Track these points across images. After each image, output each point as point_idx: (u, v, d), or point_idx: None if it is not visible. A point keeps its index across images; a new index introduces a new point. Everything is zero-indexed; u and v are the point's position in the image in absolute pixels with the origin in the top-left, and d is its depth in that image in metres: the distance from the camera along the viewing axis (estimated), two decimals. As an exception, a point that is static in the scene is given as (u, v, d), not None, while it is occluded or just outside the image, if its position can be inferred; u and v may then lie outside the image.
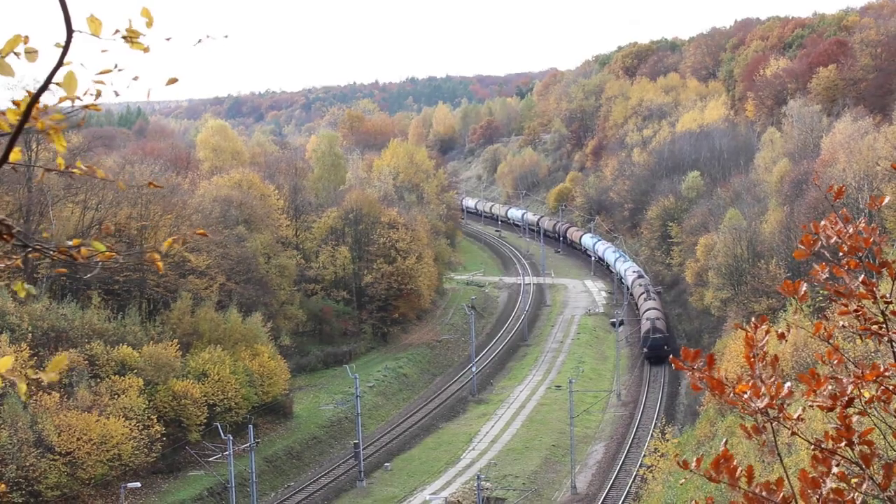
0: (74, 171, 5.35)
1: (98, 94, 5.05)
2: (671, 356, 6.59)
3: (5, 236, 4.98)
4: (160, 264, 5.55)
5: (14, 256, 5.17)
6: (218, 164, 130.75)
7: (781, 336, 7.02)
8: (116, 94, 5.13)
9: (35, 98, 4.84)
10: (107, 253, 5.23)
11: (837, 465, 6.28)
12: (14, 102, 4.88)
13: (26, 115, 4.85)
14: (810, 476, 6.24)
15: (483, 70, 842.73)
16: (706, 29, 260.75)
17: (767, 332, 6.49)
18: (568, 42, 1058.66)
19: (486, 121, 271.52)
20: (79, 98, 4.98)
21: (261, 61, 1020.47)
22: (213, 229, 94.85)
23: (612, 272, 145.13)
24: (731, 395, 6.24)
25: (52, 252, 5.20)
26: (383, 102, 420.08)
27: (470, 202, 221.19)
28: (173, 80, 5.26)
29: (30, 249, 5.12)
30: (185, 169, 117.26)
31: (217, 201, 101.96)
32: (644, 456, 76.36)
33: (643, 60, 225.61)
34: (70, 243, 5.24)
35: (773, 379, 6.30)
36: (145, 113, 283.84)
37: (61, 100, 5.00)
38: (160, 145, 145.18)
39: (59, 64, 4.82)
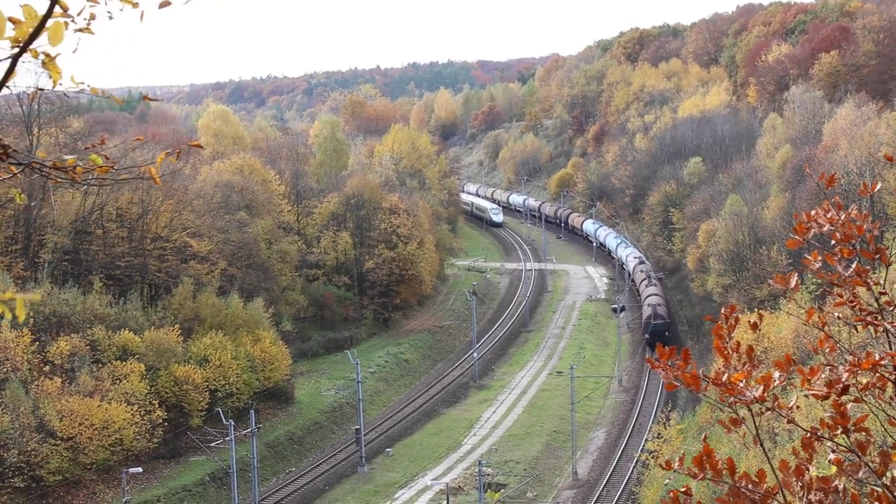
0: (83, 87, 5.46)
1: (92, 17, 5.08)
2: (660, 347, 6.60)
3: (1, 155, 5.07)
4: (157, 178, 5.64)
5: (12, 169, 5.25)
6: (219, 150, 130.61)
7: (754, 326, 7.02)
8: (110, 17, 5.16)
9: (44, 20, 4.89)
10: (104, 167, 5.30)
11: (834, 452, 6.30)
12: (11, 20, 4.93)
13: (38, 31, 4.90)
14: (794, 464, 6.25)
15: (485, 55, 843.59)
16: (708, 14, 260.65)
17: (737, 321, 6.51)
18: (570, 27, 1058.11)
19: (488, 106, 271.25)
20: (73, 20, 5.03)
21: (262, 46, 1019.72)
22: (215, 214, 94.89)
23: (613, 258, 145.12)
24: (709, 388, 6.25)
25: (48, 168, 5.28)
26: (385, 88, 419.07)
27: (471, 188, 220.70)
28: (166, 3, 5.28)
29: (25, 166, 5.21)
30: (187, 154, 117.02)
31: (218, 186, 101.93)
32: (646, 441, 76.46)
33: (645, 46, 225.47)
34: (66, 159, 5.32)
35: (746, 367, 6.32)
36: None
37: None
38: (162, 130, 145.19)
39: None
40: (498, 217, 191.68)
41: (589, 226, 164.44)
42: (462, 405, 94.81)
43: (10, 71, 4.98)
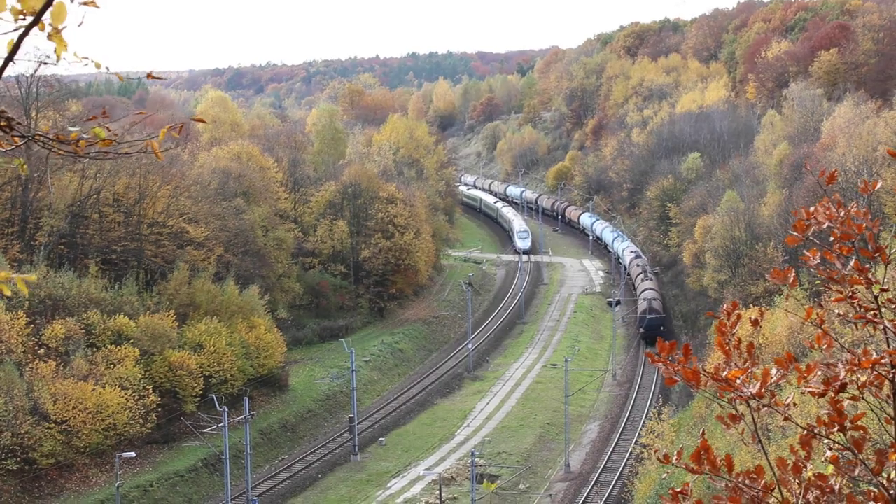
0: (86, 61, 5.45)
1: None
2: (661, 342, 6.62)
3: (5, 127, 5.07)
4: (159, 152, 5.66)
5: (16, 141, 5.25)
6: (217, 136, 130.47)
7: (755, 323, 7.03)
8: None
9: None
10: (106, 140, 5.31)
11: (831, 450, 6.32)
12: None
13: (49, 2, 4.89)
14: (791, 461, 6.27)
15: (484, 47, 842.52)
16: (709, 10, 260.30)
17: (739, 317, 6.52)
18: (570, 20, 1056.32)
19: (487, 98, 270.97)
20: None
21: (262, 33, 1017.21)
22: (212, 201, 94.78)
23: (609, 252, 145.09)
24: (708, 384, 6.27)
25: (50, 141, 5.28)
26: (384, 77, 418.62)
27: (469, 179, 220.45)
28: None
29: (29, 138, 5.20)
30: (185, 140, 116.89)
31: (216, 173, 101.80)
32: (639, 435, 76.55)
33: (645, 40, 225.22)
34: (70, 131, 5.32)
35: (746, 364, 6.33)
36: (145, 83, 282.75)
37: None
38: (160, 116, 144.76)
39: None
40: (525, 242, 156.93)
41: (586, 219, 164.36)
42: (456, 396, 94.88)
43: (17, 46, 4.97)
